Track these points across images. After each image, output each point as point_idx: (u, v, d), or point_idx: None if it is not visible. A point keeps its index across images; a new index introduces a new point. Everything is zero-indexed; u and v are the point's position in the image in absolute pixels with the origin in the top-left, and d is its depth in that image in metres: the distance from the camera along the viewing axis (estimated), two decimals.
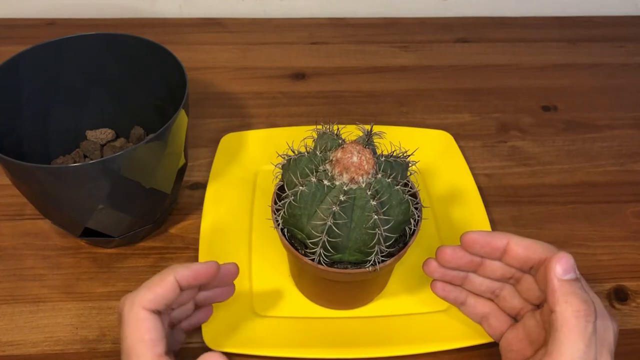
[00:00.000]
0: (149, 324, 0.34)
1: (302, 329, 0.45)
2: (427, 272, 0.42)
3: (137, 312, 0.34)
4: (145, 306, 0.34)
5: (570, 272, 0.34)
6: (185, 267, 0.36)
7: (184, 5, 0.81)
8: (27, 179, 0.42)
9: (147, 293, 0.35)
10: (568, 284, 0.34)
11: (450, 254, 0.40)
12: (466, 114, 0.66)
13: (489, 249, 0.38)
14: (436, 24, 0.82)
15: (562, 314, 0.32)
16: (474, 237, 0.38)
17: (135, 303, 0.35)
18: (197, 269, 0.37)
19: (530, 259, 0.37)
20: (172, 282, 0.36)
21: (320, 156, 0.39)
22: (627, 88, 0.72)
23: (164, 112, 0.50)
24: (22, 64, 0.49)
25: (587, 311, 0.32)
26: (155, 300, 0.35)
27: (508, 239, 0.38)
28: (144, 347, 0.33)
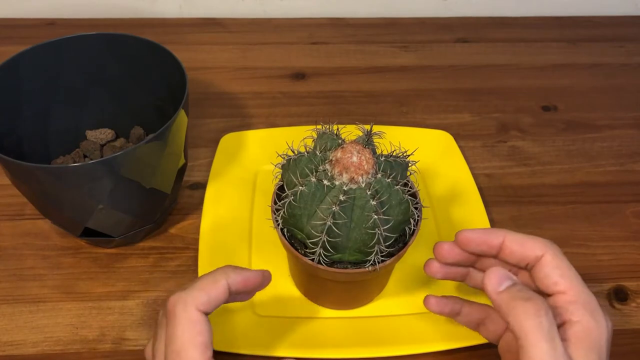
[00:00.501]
0: (202, 327, 0.33)
1: (302, 329, 0.45)
2: (428, 273, 0.41)
3: (191, 312, 0.33)
4: (200, 308, 0.33)
5: (504, 281, 0.34)
6: (237, 273, 0.36)
7: (184, 5, 0.81)
8: (27, 179, 0.42)
9: (202, 294, 0.34)
10: (506, 293, 0.33)
11: (447, 250, 0.40)
12: (466, 114, 0.66)
13: (485, 247, 0.38)
14: (436, 24, 0.82)
15: (515, 321, 0.32)
16: (469, 236, 0.38)
17: (189, 303, 0.33)
18: (248, 276, 0.36)
19: (526, 256, 0.36)
20: (225, 285, 0.35)
21: (320, 156, 0.39)
22: (627, 88, 0.72)
23: (164, 112, 0.50)
24: (22, 64, 0.49)
25: (534, 307, 0.32)
26: (209, 302, 0.34)
27: (504, 235, 0.37)
28: (195, 350, 0.32)
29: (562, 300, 0.34)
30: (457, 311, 0.42)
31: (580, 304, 0.34)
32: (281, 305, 0.47)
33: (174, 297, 0.34)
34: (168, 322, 0.34)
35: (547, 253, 0.36)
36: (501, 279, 0.34)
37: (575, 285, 0.35)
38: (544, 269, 0.35)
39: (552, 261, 0.35)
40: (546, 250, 0.36)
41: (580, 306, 0.34)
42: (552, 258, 0.35)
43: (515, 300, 0.32)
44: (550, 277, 0.35)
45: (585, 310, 0.34)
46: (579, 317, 0.33)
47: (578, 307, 0.34)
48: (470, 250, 0.39)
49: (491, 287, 0.34)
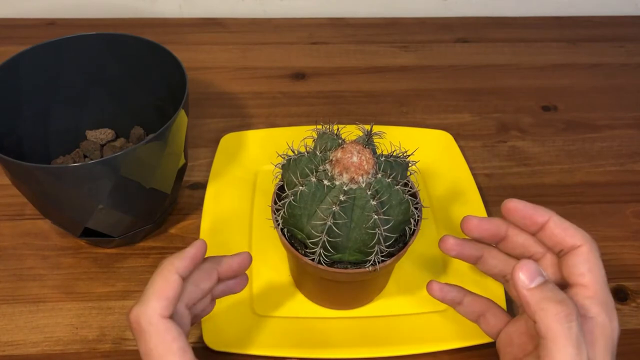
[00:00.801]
0: (174, 333, 0.33)
1: (302, 329, 0.45)
2: (443, 249, 0.41)
3: (157, 324, 0.33)
4: (163, 314, 0.33)
5: (535, 277, 0.33)
6: (182, 259, 0.35)
7: (184, 5, 0.81)
8: (27, 179, 0.42)
9: (159, 300, 0.33)
10: (539, 292, 0.33)
11: (476, 224, 0.39)
12: (466, 114, 0.66)
13: (528, 222, 0.38)
14: (436, 24, 0.82)
15: (543, 322, 0.32)
16: (517, 206, 0.38)
17: (151, 315, 0.33)
18: (191, 255, 0.36)
19: (565, 243, 0.36)
20: (177, 280, 0.34)
21: (320, 156, 0.39)
22: (627, 88, 0.72)
23: (164, 112, 0.50)
24: (22, 64, 0.49)
25: (566, 311, 0.31)
26: (170, 304, 0.34)
27: (550, 216, 0.37)
28: (175, 357, 0.32)
29: (581, 294, 0.34)
30: (458, 300, 0.42)
31: (598, 300, 0.34)
32: (281, 305, 0.47)
33: (134, 312, 0.33)
34: (137, 339, 0.33)
35: (585, 245, 0.36)
36: (533, 274, 0.33)
37: (598, 283, 0.35)
38: (576, 259, 0.35)
39: (586, 254, 0.35)
40: (584, 242, 0.36)
41: (597, 302, 0.34)
42: (587, 250, 0.35)
43: (547, 301, 0.32)
44: (578, 268, 0.35)
45: (601, 308, 0.34)
46: (595, 313, 0.34)
47: (595, 303, 0.34)
48: (512, 219, 0.38)
49: (522, 283, 0.33)
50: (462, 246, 0.41)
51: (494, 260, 0.41)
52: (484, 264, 0.41)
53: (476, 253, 0.41)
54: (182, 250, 0.36)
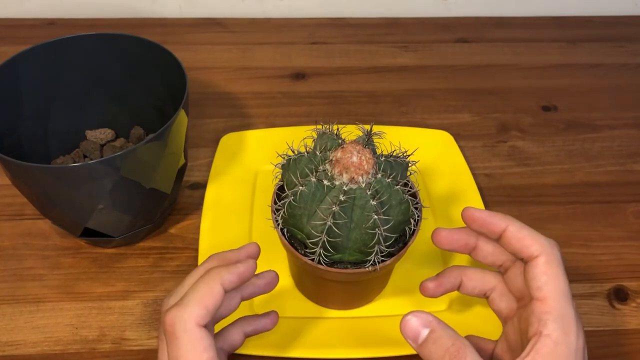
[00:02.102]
0: (206, 343, 0.32)
1: (302, 329, 0.45)
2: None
3: (192, 331, 0.32)
4: (200, 323, 0.32)
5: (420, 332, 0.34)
6: (230, 273, 0.35)
7: (184, 5, 0.81)
8: (27, 179, 0.42)
9: (199, 308, 0.33)
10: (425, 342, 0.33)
11: (445, 235, 0.39)
12: (466, 114, 0.66)
13: (486, 230, 0.37)
14: (436, 24, 0.82)
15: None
16: (474, 215, 0.38)
17: (187, 320, 0.32)
18: (240, 272, 0.35)
19: (521, 253, 0.36)
20: (221, 292, 0.34)
21: (320, 156, 0.39)
22: (627, 88, 0.72)
23: (164, 112, 0.50)
24: (22, 64, 0.49)
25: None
26: (208, 314, 0.33)
27: (507, 223, 0.36)
28: None
29: (538, 309, 0.33)
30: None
31: (553, 315, 0.33)
32: (281, 305, 0.47)
33: (171, 314, 0.33)
34: (169, 342, 0.33)
35: (541, 255, 0.34)
36: (417, 329, 0.34)
37: (555, 296, 0.33)
38: (534, 271, 0.34)
39: (543, 265, 0.34)
40: (542, 253, 0.35)
41: (553, 318, 0.33)
42: (544, 262, 0.34)
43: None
44: (535, 281, 0.34)
45: (557, 324, 0.32)
46: (550, 330, 0.32)
47: (551, 319, 0.33)
48: (473, 228, 0.38)
49: (412, 342, 0.34)
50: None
51: (472, 282, 0.40)
52: (463, 287, 0.41)
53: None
54: (233, 264, 0.36)
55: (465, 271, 0.41)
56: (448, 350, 0.32)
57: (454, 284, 0.41)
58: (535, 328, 0.33)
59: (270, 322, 0.41)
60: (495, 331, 0.44)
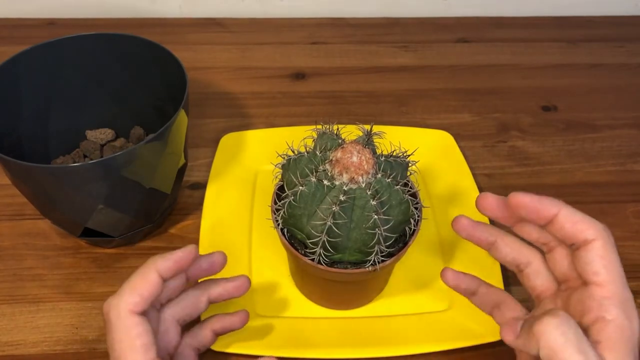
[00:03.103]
0: (140, 329, 0.33)
1: (302, 329, 0.45)
2: (455, 229, 0.39)
3: (125, 317, 0.33)
4: (133, 310, 0.33)
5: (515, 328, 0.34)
6: (166, 259, 0.35)
7: (184, 5, 0.81)
8: (27, 179, 0.42)
9: (132, 295, 0.34)
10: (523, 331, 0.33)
11: (492, 203, 0.37)
12: (466, 114, 0.66)
13: (535, 216, 0.35)
14: (436, 24, 0.82)
15: (542, 346, 0.30)
16: (523, 200, 0.35)
17: (121, 308, 0.33)
18: (176, 258, 0.36)
19: (576, 237, 0.34)
20: (155, 278, 0.34)
21: (320, 156, 0.39)
22: (627, 88, 0.72)
23: (164, 112, 0.50)
24: (22, 64, 0.49)
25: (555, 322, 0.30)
26: (142, 301, 0.34)
27: (559, 209, 0.34)
28: (135, 353, 0.33)
29: (598, 293, 0.33)
30: (473, 290, 0.40)
31: (615, 300, 0.32)
32: (281, 305, 0.47)
33: (107, 303, 0.34)
34: (106, 330, 0.34)
35: (598, 239, 0.33)
36: (514, 327, 0.33)
37: (615, 280, 0.33)
38: (589, 255, 0.33)
39: (600, 249, 0.33)
40: (598, 236, 0.33)
41: (615, 303, 0.32)
42: (601, 245, 0.33)
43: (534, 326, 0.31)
44: (592, 265, 0.33)
45: (619, 309, 0.32)
46: (613, 315, 0.32)
47: (613, 304, 0.32)
48: (519, 214, 0.36)
49: (509, 339, 0.33)
50: (474, 229, 0.39)
51: (507, 248, 0.38)
52: (497, 251, 0.39)
53: (489, 238, 0.39)
54: (171, 251, 0.36)
55: (502, 235, 0.39)
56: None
57: (487, 239, 0.39)
58: (595, 313, 0.32)
59: (238, 320, 0.42)
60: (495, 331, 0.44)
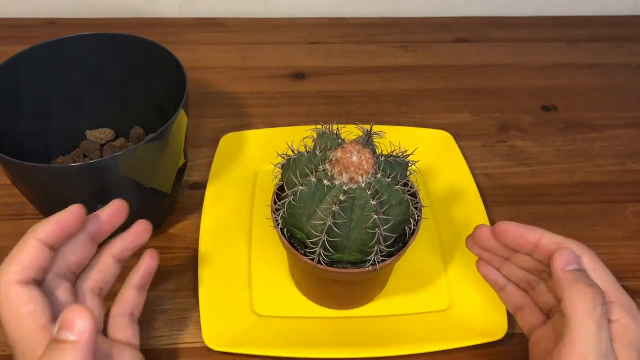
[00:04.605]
0: (24, 298, 0.31)
1: (302, 329, 0.45)
2: (468, 246, 0.42)
3: (6, 290, 0.32)
4: (16, 280, 0.32)
5: (572, 264, 0.34)
6: (45, 224, 0.33)
7: (184, 5, 0.81)
8: (27, 179, 0.42)
9: (12, 266, 0.32)
10: (572, 274, 0.34)
11: (487, 234, 0.39)
12: (466, 114, 0.66)
13: (521, 241, 0.38)
14: (436, 24, 0.82)
15: (570, 300, 0.33)
16: (507, 228, 0.38)
17: (2, 282, 0.32)
18: (57, 219, 0.34)
19: None
20: (36, 245, 0.33)
21: (320, 156, 0.39)
22: (627, 88, 0.72)
23: (164, 112, 0.50)
24: (22, 64, 0.49)
25: (593, 294, 0.32)
26: (24, 269, 0.32)
27: (541, 234, 0.37)
28: (22, 322, 0.31)
29: None
30: (500, 285, 0.42)
31: (619, 304, 0.34)
32: (281, 305, 0.47)
33: None
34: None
35: (583, 255, 0.36)
36: (572, 260, 0.34)
37: (614, 287, 0.35)
38: None
39: (590, 263, 0.35)
40: (583, 253, 0.36)
41: (618, 306, 0.34)
42: (589, 260, 0.35)
43: (579, 282, 0.33)
44: None
45: (623, 311, 0.34)
46: (618, 316, 0.34)
47: (617, 307, 0.34)
48: (505, 242, 0.39)
49: (560, 264, 0.34)
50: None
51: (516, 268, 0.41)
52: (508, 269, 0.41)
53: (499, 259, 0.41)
54: (52, 216, 0.34)
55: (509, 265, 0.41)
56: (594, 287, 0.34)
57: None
58: None
59: (152, 260, 0.40)
60: (495, 331, 0.44)
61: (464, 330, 0.44)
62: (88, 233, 0.37)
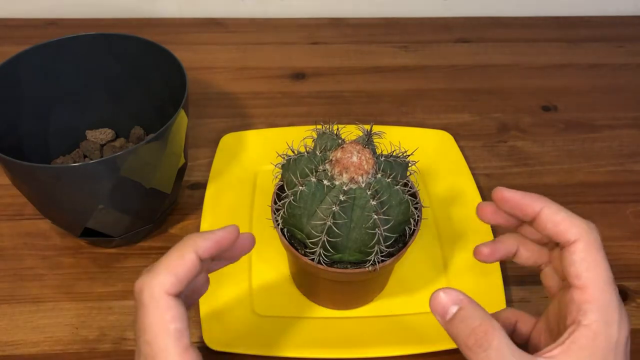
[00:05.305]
0: (174, 313, 0.30)
1: (302, 329, 0.45)
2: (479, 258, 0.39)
3: (159, 299, 0.30)
4: (169, 291, 0.30)
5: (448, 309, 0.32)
6: (205, 239, 0.32)
7: (184, 5, 0.81)
8: (27, 179, 0.42)
9: (169, 276, 0.30)
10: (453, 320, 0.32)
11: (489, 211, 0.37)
12: (466, 114, 0.66)
13: (519, 212, 0.35)
14: (436, 24, 0.82)
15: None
16: (506, 195, 0.35)
17: (155, 289, 0.30)
18: (217, 238, 0.33)
19: (558, 237, 0.33)
20: (193, 259, 0.31)
21: (320, 156, 0.39)
22: (627, 88, 0.71)
23: (164, 112, 0.50)
24: (22, 64, 0.49)
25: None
26: (178, 283, 0.30)
27: (542, 206, 0.34)
28: (169, 339, 0.29)
29: (578, 297, 0.31)
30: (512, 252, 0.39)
31: (595, 305, 0.31)
32: (281, 305, 0.47)
33: (139, 282, 0.31)
34: (137, 311, 0.31)
35: (579, 241, 0.32)
36: (447, 305, 0.32)
37: (596, 284, 0.31)
38: (572, 257, 0.32)
39: (582, 252, 0.32)
40: (580, 238, 0.32)
41: (594, 307, 0.31)
42: (583, 247, 0.32)
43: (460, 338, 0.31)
44: (574, 268, 0.32)
45: (599, 314, 0.31)
46: (589, 321, 0.31)
47: (591, 309, 0.31)
48: (505, 209, 0.36)
49: (439, 317, 0.32)
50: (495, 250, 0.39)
51: (528, 252, 0.38)
52: (519, 258, 0.39)
53: (511, 249, 0.39)
54: (210, 230, 0.33)
55: (524, 241, 0.38)
56: (474, 330, 0.30)
57: (509, 251, 0.39)
58: (573, 317, 0.31)
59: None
60: None
61: None
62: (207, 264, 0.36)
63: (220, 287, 0.47)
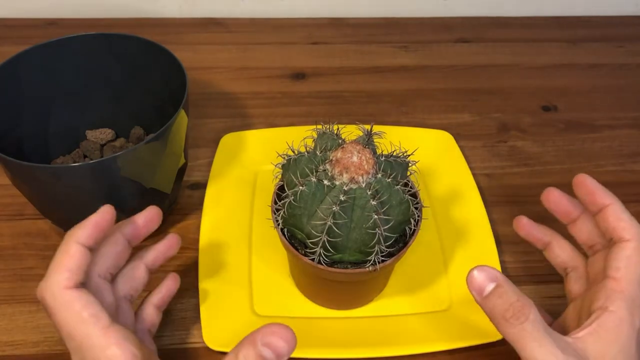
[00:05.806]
0: (82, 301, 0.32)
1: (302, 329, 0.45)
2: (515, 227, 0.43)
3: (61, 296, 0.32)
4: (67, 286, 0.32)
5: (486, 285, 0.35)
6: (82, 227, 0.34)
7: (184, 5, 0.81)
8: (27, 179, 0.42)
9: (61, 273, 0.33)
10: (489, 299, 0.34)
11: (557, 197, 0.41)
12: (466, 114, 0.66)
13: (590, 200, 0.39)
14: (436, 24, 0.82)
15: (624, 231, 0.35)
16: (585, 181, 0.39)
17: (54, 288, 0.32)
18: (93, 223, 0.35)
19: (614, 232, 0.37)
20: (78, 249, 0.33)
21: (320, 156, 0.39)
22: (627, 88, 0.72)
23: (164, 112, 0.50)
24: (22, 64, 0.49)
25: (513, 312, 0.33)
26: (73, 275, 0.33)
27: (611, 202, 0.38)
28: (87, 325, 0.32)
29: (610, 286, 0.35)
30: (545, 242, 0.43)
31: (624, 295, 0.34)
32: (281, 305, 0.47)
33: (38, 290, 0.33)
34: (49, 315, 0.33)
35: (632, 241, 0.36)
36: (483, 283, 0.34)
37: (631, 279, 0.35)
38: (619, 252, 0.36)
39: (630, 250, 0.35)
40: (633, 238, 0.36)
41: (623, 297, 0.34)
42: (633, 247, 0.36)
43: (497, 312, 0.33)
44: (617, 261, 0.35)
45: (624, 303, 0.34)
46: (616, 307, 0.34)
47: (620, 298, 0.34)
48: (578, 193, 0.39)
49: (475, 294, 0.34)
50: (533, 228, 0.43)
51: (559, 250, 0.42)
52: (550, 252, 0.42)
53: (545, 238, 0.42)
54: (86, 219, 0.35)
55: (557, 237, 0.43)
56: (513, 304, 0.33)
57: (542, 240, 0.43)
58: (601, 303, 0.34)
59: (173, 283, 0.42)
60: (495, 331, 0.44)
61: (464, 330, 0.44)
62: (125, 236, 0.38)
63: (220, 287, 0.47)
